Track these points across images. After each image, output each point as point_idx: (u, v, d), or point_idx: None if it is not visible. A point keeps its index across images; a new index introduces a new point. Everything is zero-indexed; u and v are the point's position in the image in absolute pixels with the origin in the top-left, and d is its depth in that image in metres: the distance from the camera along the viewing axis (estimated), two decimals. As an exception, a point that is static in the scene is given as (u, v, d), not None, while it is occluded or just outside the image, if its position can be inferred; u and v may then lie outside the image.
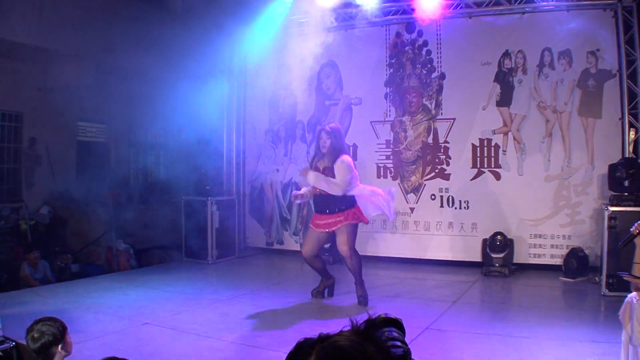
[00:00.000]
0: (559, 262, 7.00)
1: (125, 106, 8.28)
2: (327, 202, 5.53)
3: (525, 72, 7.29)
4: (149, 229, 8.31)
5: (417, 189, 7.94)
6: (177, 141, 8.72)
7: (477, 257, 7.36)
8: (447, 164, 7.76)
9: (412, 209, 7.95)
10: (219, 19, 7.44)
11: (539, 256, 7.20)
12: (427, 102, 7.88)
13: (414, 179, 7.97)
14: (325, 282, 5.89)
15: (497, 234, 7.14)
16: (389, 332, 1.39)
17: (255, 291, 6.30)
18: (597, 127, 6.98)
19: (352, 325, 1.34)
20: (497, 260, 7.04)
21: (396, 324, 1.44)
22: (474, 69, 7.51)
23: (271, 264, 8.31)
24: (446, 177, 7.76)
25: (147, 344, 4.40)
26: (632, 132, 6.73)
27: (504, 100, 7.43)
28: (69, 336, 2.79)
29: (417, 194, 7.94)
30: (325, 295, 5.78)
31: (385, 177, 8.16)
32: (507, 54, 7.38)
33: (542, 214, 7.20)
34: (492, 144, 7.49)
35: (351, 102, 8.40)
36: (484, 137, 7.54)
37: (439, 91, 7.79)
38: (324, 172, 5.46)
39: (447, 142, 7.75)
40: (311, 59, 8.46)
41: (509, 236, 7.18)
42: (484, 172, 7.55)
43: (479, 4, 7.46)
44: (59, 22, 7.47)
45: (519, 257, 7.21)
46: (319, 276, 5.95)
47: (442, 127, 7.81)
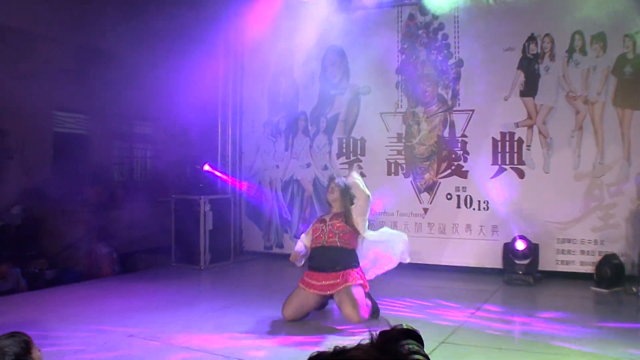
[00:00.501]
0: (590, 270, 6.95)
1: (108, 94, 8.24)
2: (328, 257, 5.29)
3: (552, 58, 7.26)
4: (134, 231, 8.28)
5: (431, 188, 7.94)
6: (167, 134, 8.70)
7: (498, 264, 7.34)
8: (465, 160, 7.75)
9: (425, 210, 7.95)
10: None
11: (568, 263, 7.18)
12: (443, 92, 7.87)
13: (427, 176, 7.97)
14: None
15: (521, 238, 7.09)
16: (410, 345, 1.40)
17: (252, 300, 6.28)
18: (635, 118, 6.93)
19: (370, 337, 1.35)
20: (521, 267, 7.00)
21: (414, 335, 1.44)
22: (495, 55, 7.49)
23: (270, 270, 8.28)
24: (463, 174, 7.75)
25: (132, 358, 4.37)
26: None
27: (529, 89, 7.39)
28: (37, 351, 2.71)
29: (431, 193, 7.93)
30: (327, 304, 5.73)
31: (396, 174, 8.16)
32: (532, 38, 7.35)
33: (571, 217, 7.17)
34: (515, 139, 7.47)
35: (359, 91, 8.39)
36: (506, 131, 7.51)
37: (457, 80, 7.78)
38: (334, 222, 5.41)
39: (465, 136, 7.74)
40: (314, 44, 8.48)
41: (534, 241, 7.14)
42: (505, 170, 7.52)
43: (501, -17, 7.43)
44: (32, -2, 7.44)
45: (545, 264, 7.17)
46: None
47: (459, 119, 7.79)
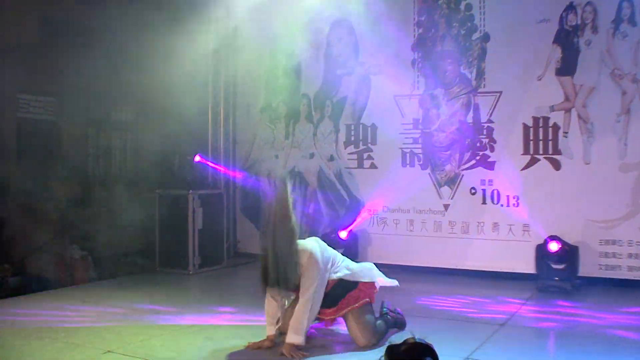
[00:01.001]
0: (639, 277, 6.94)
1: (81, 74, 8.16)
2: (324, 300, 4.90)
3: (595, 30, 7.19)
4: (112, 231, 8.23)
5: (452, 181, 7.93)
6: (150, 120, 8.64)
7: (529, 269, 7.31)
8: (492, 150, 7.72)
9: (446, 206, 7.94)
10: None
11: (613, 268, 7.12)
12: (465, 71, 7.85)
13: (448, 168, 7.96)
14: None
15: (554, 238, 7.04)
16: None
17: (248, 310, 6.16)
18: (692, 100, 6.92)
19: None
20: (557, 272, 6.95)
21: (428, 350, 1.52)
22: (527, 28, 7.47)
23: None
24: (490, 165, 7.72)
25: None
26: None
27: (567, 67, 7.32)
28: None
29: (452, 187, 7.92)
30: None
31: (412, 165, 8.15)
32: (571, 8, 7.28)
33: (617, 214, 7.11)
34: (550, 124, 7.42)
35: (369, 71, 8.38)
36: (539, 116, 7.47)
37: (482, 57, 7.74)
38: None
39: (492, 122, 7.71)
40: (319, 17, 8.45)
41: (572, 242, 7.09)
42: (538, 160, 7.48)
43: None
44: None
45: (585, 269, 7.14)
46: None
47: (485, 102, 7.76)
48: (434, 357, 1.50)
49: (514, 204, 7.56)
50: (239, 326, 5.59)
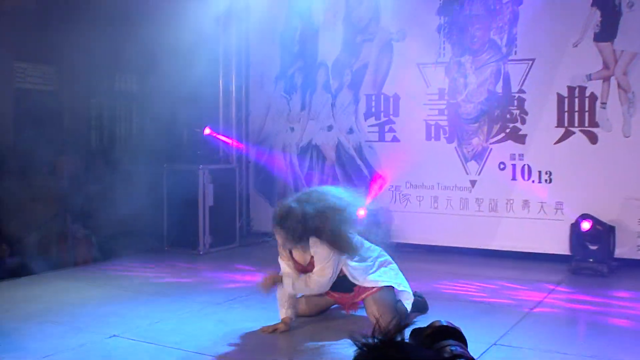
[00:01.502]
0: (682, 259, 6.95)
1: (82, 41, 8.16)
2: (335, 285, 5.02)
3: None
4: (117, 209, 8.26)
5: (480, 155, 7.91)
6: (156, 89, 8.65)
7: (562, 249, 7.30)
8: (523, 122, 7.68)
9: (473, 182, 7.93)
10: None
11: None
12: (495, 37, 7.79)
13: (476, 141, 7.93)
14: None
15: (586, 217, 7.01)
16: (452, 347, 1.42)
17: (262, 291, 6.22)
18: None
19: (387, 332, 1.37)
20: (591, 253, 6.93)
21: (455, 334, 1.47)
22: None
23: None
24: (521, 139, 7.69)
25: None
26: None
27: (606, 32, 7.23)
28: None
29: (480, 162, 7.91)
30: None
31: (437, 139, 8.12)
32: None
33: None
34: (587, 94, 7.36)
35: (391, 37, 8.32)
36: (575, 85, 7.41)
37: (513, 21, 7.68)
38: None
39: (523, 92, 7.67)
40: None
41: (609, 221, 7.05)
42: (574, 133, 7.44)
43: None
44: None
45: (623, 250, 7.10)
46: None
47: (516, 71, 7.71)
48: (463, 341, 1.48)
49: (546, 180, 7.54)
50: (252, 309, 5.62)
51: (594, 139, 7.33)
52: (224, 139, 8.93)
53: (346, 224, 4.84)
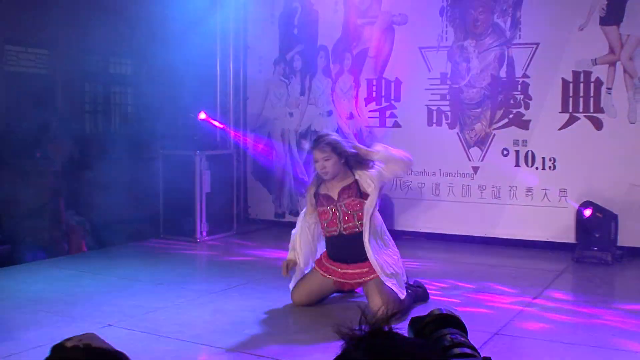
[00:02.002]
0: (688, 247, 6.95)
1: (76, 24, 8.14)
2: (350, 248, 5.11)
3: None
4: (112, 196, 8.27)
5: (483, 141, 7.90)
6: (152, 74, 8.63)
7: (566, 237, 7.32)
8: (527, 107, 7.66)
9: (475, 169, 7.92)
10: None
11: None
12: (499, 20, 7.76)
13: (479, 127, 7.91)
14: None
15: (592, 204, 7.00)
16: (452, 335, 1.42)
17: (260, 280, 6.29)
18: None
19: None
20: (594, 242, 6.93)
21: (456, 323, 1.46)
22: None
23: (282, 243, 8.18)
24: (524, 125, 7.68)
25: None
26: None
27: (612, 15, 7.19)
28: None
29: (482, 148, 7.90)
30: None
31: (439, 124, 8.10)
32: None
33: None
34: (592, 79, 7.33)
35: (393, 20, 8.30)
36: (580, 70, 7.38)
37: (517, 4, 7.65)
38: (346, 201, 5.11)
39: (527, 77, 7.65)
40: None
41: (614, 209, 7.04)
42: (578, 119, 7.42)
43: None
44: None
45: (628, 238, 7.10)
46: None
47: (520, 55, 7.69)
48: (463, 329, 1.47)
49: (550, 167, 7.53)
50: (249, 297, 5.64)
51: (599, 125, 7.31)
52: (218, 125, 8.89)
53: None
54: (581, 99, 7.39)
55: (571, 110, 7.44)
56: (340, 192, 5.11)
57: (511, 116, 7.71)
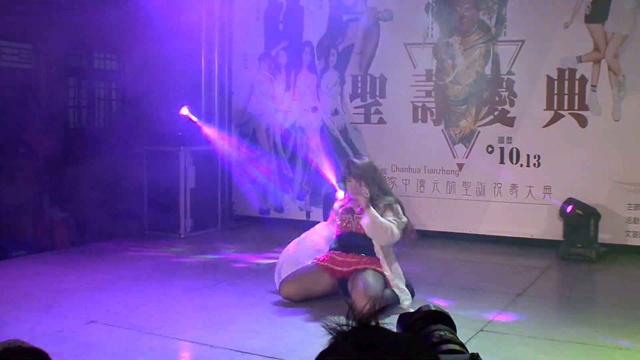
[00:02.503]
0: (670, 245, 6.98)
1: (60, 19, 8.08)
2: (356, 240, 5.34)
3: None
4: (96, 191, 8.24)
5: (468, 138, 7.91)
6: (137, 70, 8.58)
7: (550, 234, 7.36)
8: (512, 104, 7.68)
9: (460, 166, 7.94)
10: None
11: None
12: (485, 17, 7.77)
13: (464, 124, 7.93)
14: None
15: (574, 202, 7.03)
16: (440, 332, 1.42)
17: (244, 276, 6.28)
18: None
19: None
20: (579, 239, 6.94)
21: (444, 319, 1.46)
22: None
23: (266, 239, 8.28)
24: (509, 122, 7.70)
25: (94, 350, 4.33)
26: None
27: (597, 13, 7.22)
28: None
29: (467, 145, 7.92)
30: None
31: (424, 121, 8.10)
32: None
33: None
34: (577, 77, 7.37)
35: (378, 16, 8.30)
36: (565, 67, 7.41)
37: (503, 2, 7.65)
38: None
39: (512, 74, 7.66)
40: None
41: (599, 206, 7.07)
42: (563, 116, 7.44)
43: None
44: None
45: (612, 235, 7.14)
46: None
47: (505, 52, 7.70)
48: (451, 325, 1.47)
49: (534, 164, 7.55)
50: (234, 294, 5.64)
51: (583, 123, 7.34)
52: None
53: None
54: (566, 97, 7.41)
55: (556, 107, 7.45)
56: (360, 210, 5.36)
57: (496, 113, 7.73)
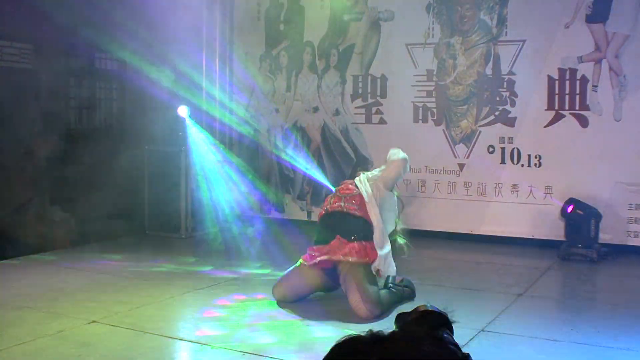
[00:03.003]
0: (673, 244, 6.97)
1: (61, 19, 8.06)
2: (329, 225, 5.32)
3: None
4: (97, 192, 8.23)
5: (469, 138, 7.92)
6: (138, 69, 8.56)
7: (551, 234, 7.36)
8: (512, 105, 7.68)
9: (461, 166, 7.94)
10: None
11: None
12: (485, 17, 7.78)
13: (464, 124, 7.93)
14: None
15: (575, 202, 7.02)
16: (438, 332, 1.43)
17: (246, 276, 6.29)
18: None
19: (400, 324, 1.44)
20: (578, 239, 6.94)
21: (441, 319, 1.50)
22: None
23: (267, 239, 8.25)
24: (510, 122, 7.69)
25: (95, 350, 4.30)
26: None
27: (598, 13, 7.22)
28: None
29: (468, 145, 7.92)
30: (335, 288, 5.66)
31: (425, 121, 8.11)
32: None
33: None
34: (578, 77, 7.36)
35: (379, 16, 8.32)
36: (566, 67, 7.41)
37: (504, 2, 7.66)
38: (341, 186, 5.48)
39: (513, 74, 7.66)
40: None
41: (600, 206, 7.05)
42: (564, 116, 7.43)
43: None
44: None
45: (613, 235, 7.14)
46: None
47: (506, 52, 7.70)
48: (449, 326, 1.51)
49: (535, 164, 7.54)
50: (235, 294, 5.61)
51: (584, 123, 7.33)
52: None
53: None
54: (567, 97, 7.40)
55: (557, 107, 7.44)
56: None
57: (497, 113, 7.72)
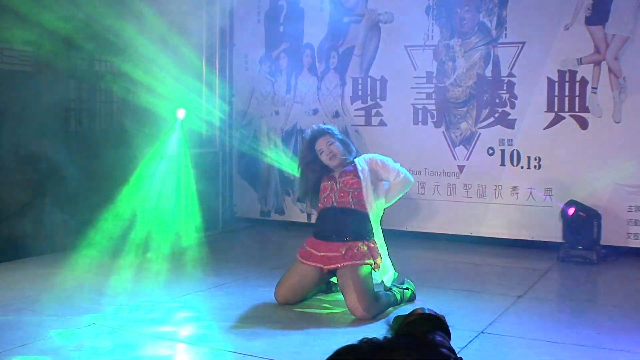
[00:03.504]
0: (671, 247, 6.97)
1: (61, 21, 8.06)
2: (338, 221, 5.24)
3: None
4: (96, 194, 8.22)
5: (468, 140, 7.91)
6: (138, 72, 8.57)
7: (551, 236, 7.34)
8: (512, 106, 7.67)
9: (461, 168, 7.93)
10: None
11: None
12: (485, 20, 7.77)
13: (464, 126, 7.92)
14: None
15: (576, 204, 7.02)
16: (430, 335, 1.42)
17: (246, 278, 6.29)
18: None
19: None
20: (580, 241, 6.94)
21: (437, 322, 1.47)
22: None
23: (267, 241, 8.32)
24: (510, 124, 7.69)
25: (95, 352, 4.30)
26: None
27: (598, 15, 7.21)
28: None
29: (468, 147, 7.91)
30: (331, 289, 5.72)
31: (424, 123, 8.10)
32: None
33: None
34: (577, 79, 7.35)
35: (379, 18, 8.32)
36: (566, 69, 7.40)
37: (503, 4, 7.66)
38: (345, 179, 5.33)
39: (513, 76, 7.65)
40: None
41: (600, 208, 7.07)
42: (564, 118, 7.43)
43: None
44: None
45: (612, 237, 7.13)
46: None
47: (505, 54, 7.69)
48: (445, 329, 1.49)
49: (535, 166, 7.54)
50: (235, 296, 5.63)
51: (584, 124, 7.32)
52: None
53: None
54: (566, 98, 7.40)
55: (556, 109, 7.44)
56: (340, 173, 5.34)
57: (497, 115, 7.72)
